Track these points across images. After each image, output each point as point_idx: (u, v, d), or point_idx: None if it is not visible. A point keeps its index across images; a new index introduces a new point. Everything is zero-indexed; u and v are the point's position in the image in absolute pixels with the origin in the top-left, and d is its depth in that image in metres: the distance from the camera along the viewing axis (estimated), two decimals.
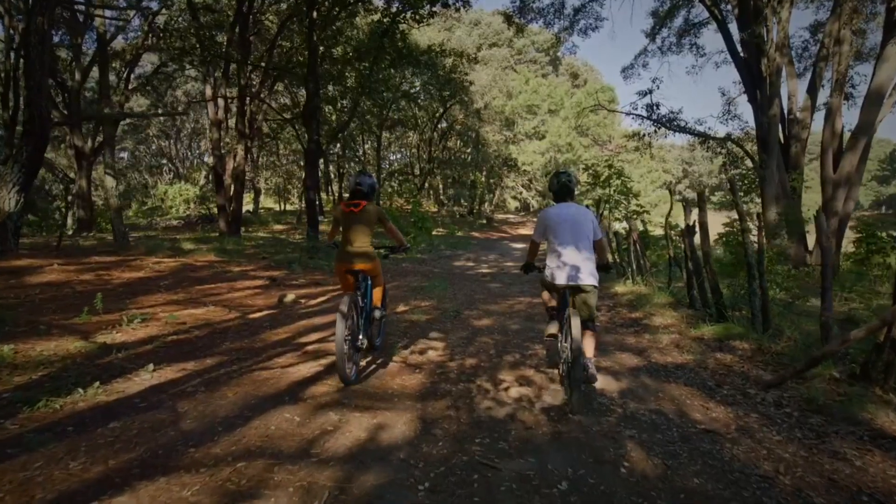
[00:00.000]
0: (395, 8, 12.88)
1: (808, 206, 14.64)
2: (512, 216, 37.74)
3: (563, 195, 3.75)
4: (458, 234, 23.29)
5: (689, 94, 68.15)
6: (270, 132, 23.10)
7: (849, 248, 12.21)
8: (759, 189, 13.56)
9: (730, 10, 15.50)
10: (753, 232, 5.81)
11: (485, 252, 16.96)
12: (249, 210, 26.57)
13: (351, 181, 4.03)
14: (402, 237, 4.29)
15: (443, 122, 30.53)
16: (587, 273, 3.48)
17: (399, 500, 2.20)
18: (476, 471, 2.49)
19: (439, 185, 36.48)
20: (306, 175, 13.07)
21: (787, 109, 14.56)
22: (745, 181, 15.56)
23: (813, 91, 14.45)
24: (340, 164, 31.82)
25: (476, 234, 25.20)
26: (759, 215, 5.52)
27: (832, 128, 13.28)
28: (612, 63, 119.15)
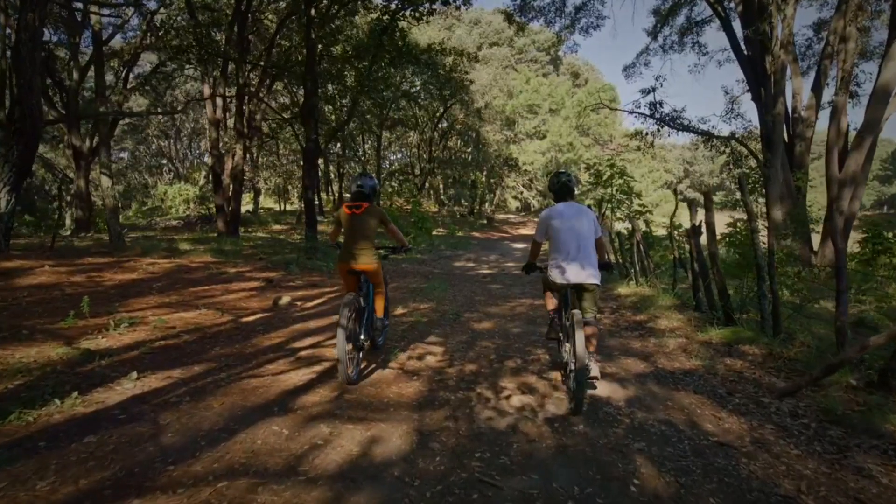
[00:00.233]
0: (395, 5, 12.70)
1: (811, 205, 14.43)
2: (513, 216, 37.53)
3: (564, 195, 3.78)
4: (459, 234, 23.12)
5: (692, 93, 67.87)
6: (270, 132, 22.95)
7: (854, 248, 12.01)
8: (764, 188, 13.37)
9: (733, 7, 15.31)
10: (762, 232, 5.64)
11: (485, 252, 16.79)
12: (249, 210, 26.42)
13: (352, 183, 4.10)
14: (403, 238, 4.30)
15: (443, 122, 30.35)
16: (589, 272, 3.50)
17: None
18: (476, 489, 2.33)
19: (440, 184, 36.31)
20: (304, 175, 12.90)
21: (791, 108, 14.38)
22: (748, 180, 15.35)
23: (818, 89, 14.28)
24: (340, 163, 31.64)
25: (476, 234, 25.03)
26: (768, 215, 5.33)
27: (837, 126, 13.10)
28: (614, 62, 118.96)
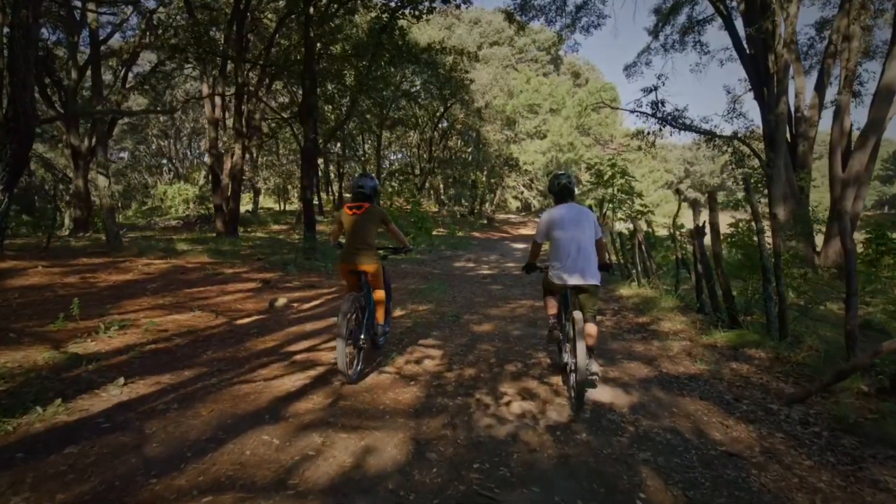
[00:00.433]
0: (394, 4, 12.58)
1: (818, 205, 14.29)
2: (513, 216, 37.40)
3: (564, 196, 3.80)
4: (459, 234, 23.02)
5: (693, 92, 67.69)
6: (270, 131, 22.85)
7: (857, 249, 11.87)
8: (766, 188, 13.25)
9: (735, 5, 15.18)
10: (766, 233, 5.52)
11: (485, 252, 16.67)
12: (249, 210, 26.31)
13: (353, 184, 4.13)
14: (404, 238, 4.32)
15: (443, 122, 30.24)
16: (590, 272, 3.52)
17: None
18: None
19: (440, 184, 36.19)
20: (303, 174, 12.79)
21: (794, 107, 14.25)
22: (751, 180, 15.23)
23: (821, 88, 14.15)
24: (340, 163, 31.53)
25: (477, 235, 24.91)
26: (774, 215, 5.22)
27: (841, 126, 12.98)
28: (614, 62, 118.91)
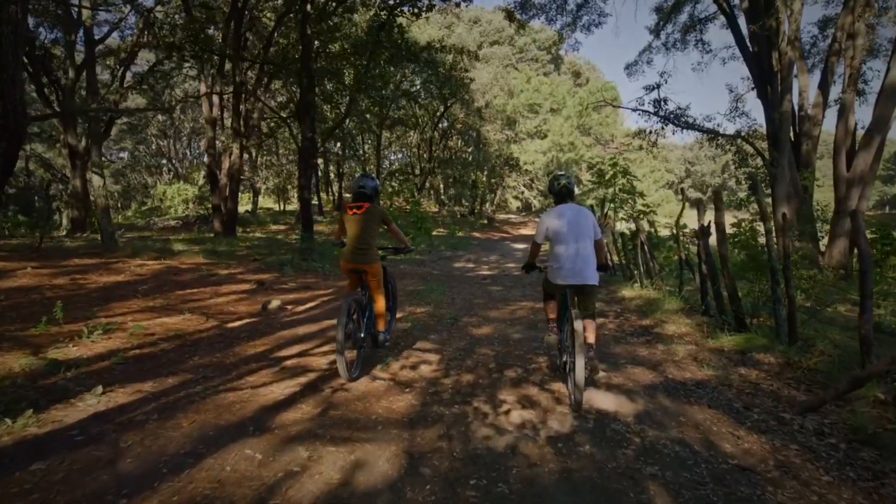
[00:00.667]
0: (393, 1, 12.43)
1: (826, 205, 14.11)
2: (513, 216, 37.21)
3: (564, 197, 3.84)
4: (459, 234, 22.87)
5: (695, 91, 67.19)
6: (269, 131, 22.70)
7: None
8: (770, 187, 13.09)
9: (738, 3, 15.02)
10: (773, 233, 5.36)
11: (486, 253, 16.52)
12: (248, 210, 26.17)
13: (354, 184, 4.19)
14: (405, 238, 4.37)
15: (443, 122, 30.07)
16: (589, 272, 3.58)
17: None
18: None
19: (440, 184, 36.02)
20: (300, 174, 12.65)
21: (797, 106, 14.09)
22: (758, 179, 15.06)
23: (825, 87, 13.99)
24: (340, 163, 31.39)
25: (477, 235, 24.76)
26: (784, 215, 5.05)
27: (845, 124, 12.82)
28: (615, 61, 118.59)
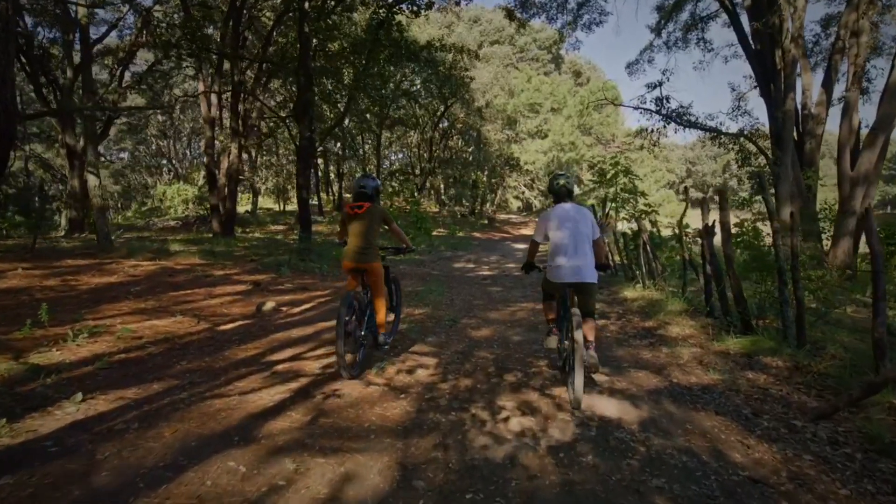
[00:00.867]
0: None
1: (833, 204, 13.95)
2: (514, 216, 37.07)
3: (563, 196, 3.87)
4: (459, 234, 22.74)
5: (697, 90, 66.70)
6: (269, 130, 22.58)
7: (864, 248, 11.58)
8: (773, 187, 12.94)
9: (740, 0, 14.88)
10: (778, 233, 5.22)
11: (486, 253, 16.38)
12: (248, 211, 26.07)
13: (355, 183, 4.22)
14: (405, 238, 4.40)
15: (444, 121, 29.93)
16: (588, 271, 3.60)
17: None
18: None
19: (440, 184, 35.88)
20: (298, 173, 12.51)
21: (801, 104, 13.94)
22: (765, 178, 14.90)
23: (828, 85, 13.83)
24: (340, 163, 31.26)
25: (477, 235, 24.62)
26: (792, 214, 4.91)
27: (849, 123, 12.66)
28: (616, 60, 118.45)
